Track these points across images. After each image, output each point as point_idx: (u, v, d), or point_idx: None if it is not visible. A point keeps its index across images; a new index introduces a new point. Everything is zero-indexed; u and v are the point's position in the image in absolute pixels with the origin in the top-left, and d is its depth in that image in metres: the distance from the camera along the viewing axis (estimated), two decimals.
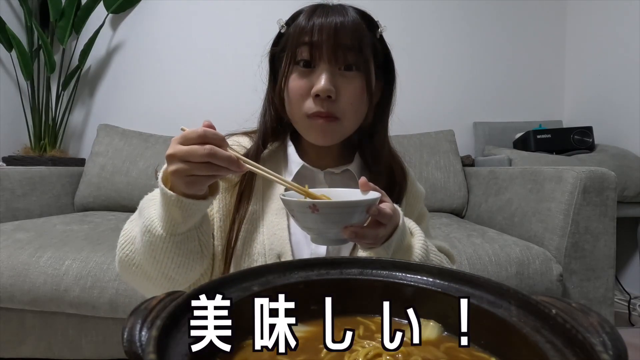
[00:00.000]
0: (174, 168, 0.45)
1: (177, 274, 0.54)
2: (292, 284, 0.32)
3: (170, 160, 0.45)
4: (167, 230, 0.50)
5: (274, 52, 0.66)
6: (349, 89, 0.59)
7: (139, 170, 1.85)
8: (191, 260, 0.54)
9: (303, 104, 0.60)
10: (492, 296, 0.29)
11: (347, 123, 0.61)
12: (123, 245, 0.56)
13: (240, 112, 0.69)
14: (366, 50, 0.59)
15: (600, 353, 0.20)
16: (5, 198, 1.58)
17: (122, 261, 0.56)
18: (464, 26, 2.27)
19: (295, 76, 0.60)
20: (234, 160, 0.45)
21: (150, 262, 0.52)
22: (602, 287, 1.21)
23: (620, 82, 1.94)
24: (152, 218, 0.51)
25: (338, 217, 0.46)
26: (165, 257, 0.51)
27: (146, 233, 0.51)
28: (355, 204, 0.47)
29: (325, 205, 0.45)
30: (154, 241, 0.51)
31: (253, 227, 0.62)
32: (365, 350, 0.27)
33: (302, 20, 0.59)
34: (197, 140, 0.44)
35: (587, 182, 1.17)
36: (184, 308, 0.24)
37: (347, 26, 0.57)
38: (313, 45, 0.57)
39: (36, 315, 1.14)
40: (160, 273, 0.53)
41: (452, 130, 2.01)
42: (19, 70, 2.01)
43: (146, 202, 0.55)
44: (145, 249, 0.52)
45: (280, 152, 0.69)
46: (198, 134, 0.44)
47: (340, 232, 0.47)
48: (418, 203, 0.74)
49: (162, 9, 2.22)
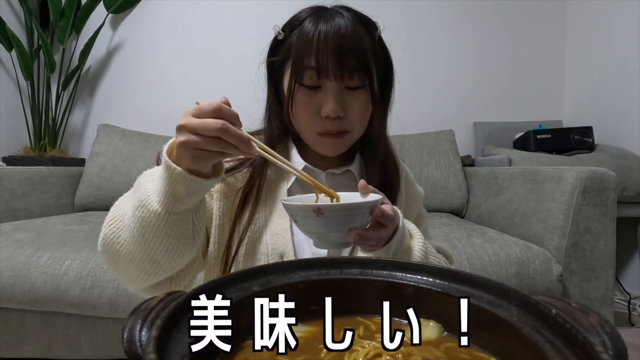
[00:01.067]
0: (183, 139, 0.44)
1: (163, 257, 0.51)
2: (292, 284, 0.32)
3: (180, 131, 0.44)
4: (164, 206, 0.48)
5: (273, 62, 0.65)
6: (356, 106, 0.60)
7: (139, 170, 1.81)
8: (181, 245, 0.52)
9: (312, 123, 0.61)
10: (492, 296, 0.29)
11: (356, 134, 0.63)
12: (111, 221, 0.53)
13: (240, 112, 0.69)
14: (370, 64, 0.59)
15: (600, 353, 0.20)
16: (5, 198, 1.58)
17: (107, 238, 0.52)
18: (464, 26, 2.27)
19: (302, 96, 0.60)
20: (245, 140, 0.44)
21: (138, 241, 0.50)
22: (602, 287, 1.21)
23: (620, 82, 1.93)
24: (148, 192, 0.49)
25: (342, 220, 0.46)
26: (155, 236, 0.49)
27: (140, 207, 0.49)
28: (359, 206, 0.47)
29: (330, 208, 0.45)
30: (147, 217, 0.48)
31: (256, 227, 0.62)
32: (365, 350, 0.27)
33: (304, 38, 0.57)
34: (212, 114, 0.43)
35: (587, 182, 1.17)
36: (184, 308, 0.24)
37: (350, 43, 0.56)
38: (319, 68, 0.57)
39: (36, 315, 1.14)
40: (145, 255, 0.50)
41: (452, 130, 2.01)
42: (19, 70, 2.01)
43: (144, 178, 0.53)
44: (135, 225, 0.49)
45: (283, 153, 0.68)
46: (213, 108, 0.43)
47: (342, 235, 0.46)
48: (417, 204, 0.75)
49: (162, 9, 2.22)
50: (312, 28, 0.57)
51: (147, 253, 0.50)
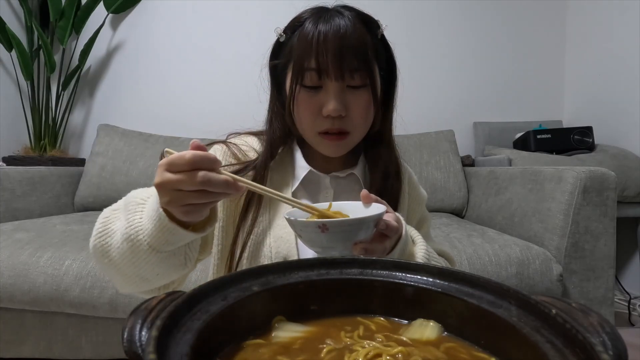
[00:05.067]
0: (166, 199, 0.42)
1: (154, 278, 0.51)
2: (292, 284, 0.32)
3: (161, 190, 0.42)
4: (153, 247, 0.46)
5: (276, 64, 0.64)
6: (358, 104, 0.59)
7: (139, 170, 1.85)
8: (172, 272, 0.52)
9: (313, 122, 0.60)
10: (492, 296, 0.29)
11: (357, 135, 0.63)
12: (100, 233, 0.51)
13: (240, 112, 0.70)
14: (372, 63, 0.59)
15: (600, 353, 0.20)
16: (5, 198, 1.58)
17: (96, 249, 0.51)
18: (464, 26, 2.27)
19: (303, 96, 0.59)
20: (231, 183, 0.42)
21: (127, 264, 0.49)
22: (602, 287, 1.21)
23: (620, 82, 1.93)
24: (137, 228, 0.47)
25: (347, 235, 0.45)
26: (145, 265, 0.48)
27: (128, 241, 0.47)
28: (364, 220, 0.46)
29: (334, 224, 0.44)
30: (136, 251, 0.47)
31: (260, 230, 0.62)
32: (365, 350, 0.27)
33: (305, 38, 0.57)
34: (187, 167, 0.40)
35: (587, 182, 1.17)
36: (184, 308, 0.24)
37: (351, 42, 0.56)
38: (320, 69, 0.56)
39: (36, 315, 1.14)
40: (135, 274, 0.50)
41: (452, 130, 2.01)
42: (19, 70, 2.01)
43: (133, 205, 0.50)
44: (124, 252, 0.48)
45: (287, 157, 0.68)
46: (187, 161, 0.39)
47: (347, 248, 0.46)
48: (420, 207, 0.74)
49: (162, 9, 2.22)
50: (312, 29, 0.57)
51: (137, 274, 0.50)
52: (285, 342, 0.29)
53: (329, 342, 0.29)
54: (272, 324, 0.30)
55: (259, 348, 0.27)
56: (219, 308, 0.26)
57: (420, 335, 0.30)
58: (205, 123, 2.08)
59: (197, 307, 0.26)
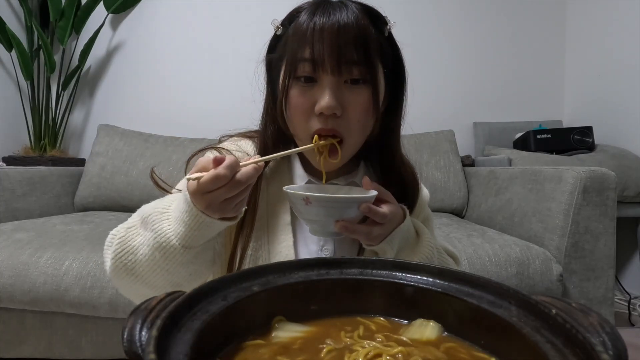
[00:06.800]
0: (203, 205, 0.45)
1: (187, 281, 0.51)
2: (292, 284, 0.32)
3: (199, 202, 0.45)
4: (185, 245, 0.48)
5: (271, 59, 0.60)
6: (355, 104, 0.53)
7: (139, 170, 1.84)
8: (204, 268, 0.53)
9: (306, 123, 0.54)
10: (492, 296, 0.29)
11: (353, 141, 0.56)
12: (120, 254, 0.50)
13: (240, 112, 0.69)
14: (374, 58, 0.53)
15: (600, 353, 0.20)
16: (5, 198, 1.58)
17: (118, 270, 0.50)
18: (464, 26, 2.27)
19: (295, 92, 0.54)
20: (256, 169, 0.45)
21: (158, 273, 0.49)
22: (602, 287, 1.21)
23: (620, 82, 1.93)
24: (167, 234, 0.48)
25: (330, 211, 0.49)
26: (179, 267, 0.49)
27: (160, 249, 0.48)
28: (345, 200, 0.49)
29: (316, 198, 0.47)
30: (169, 255, 0.48)
31: (258, 244, 0.60)
32: (365, 350, 0.27)
33: (301, 26, 0.52)
34: (229, 179, 0.43)
35: (587, 182, 1.17)
36: (184, 308, 0.24)
37: (352, 32, 0.51)
38: (315, 59, 0.51)
39: (36, 315, 1.14)
40: (168, 282, 0.50)
41: (452, 130, 2.01)
42: (19, 70, 2.01)
43: (157, 216, 0.50)
44: (155, 262, 0.49)
45: (284, 165, 0.64)
46: (226, 175, 0.42)
47: (329, 224, 0.49)
48: (423, 207, 0.73)
49: (162, 9, 2.22)
50: (307, 18, 0.52)
51: (170, 280, 0.50)
52: (285, 342, 0.29)
53: (329, 342, 0.29)
54: (272, 324, 0.30)
55: (259, 348, 0.27)
56: (219, 308, 0.26)
57: (420, 335, 0.30)
58: (205, 123, 2.07)
59: (197, 307, 0.26)
